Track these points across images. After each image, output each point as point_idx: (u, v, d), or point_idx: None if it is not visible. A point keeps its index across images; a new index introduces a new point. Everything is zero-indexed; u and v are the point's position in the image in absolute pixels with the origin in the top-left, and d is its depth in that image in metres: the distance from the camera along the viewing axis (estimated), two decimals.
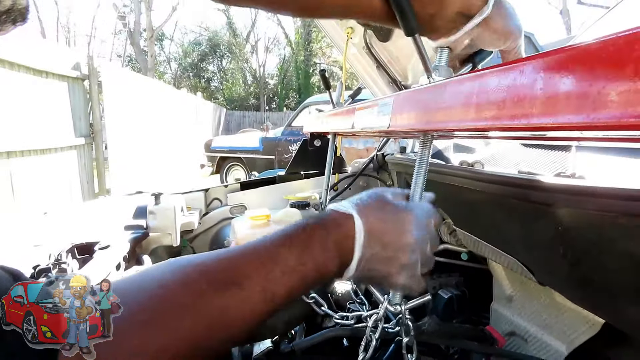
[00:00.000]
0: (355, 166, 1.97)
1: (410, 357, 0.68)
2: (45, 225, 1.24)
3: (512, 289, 1.13)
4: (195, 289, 0.45)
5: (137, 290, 0.43)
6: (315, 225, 0.54)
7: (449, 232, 1.20)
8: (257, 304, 0.47)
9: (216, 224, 1.79)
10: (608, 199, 0.55)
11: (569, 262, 0.69)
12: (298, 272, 0.50)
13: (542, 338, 1.00)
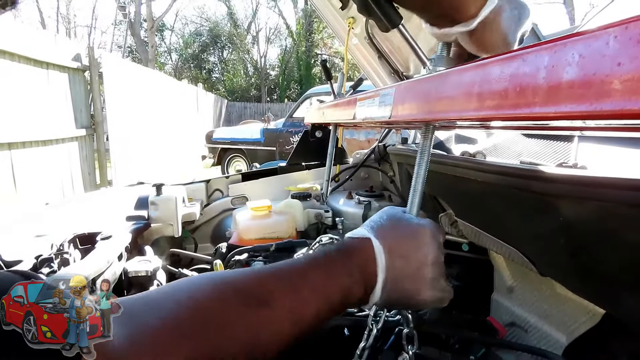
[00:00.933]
0: (357, 157, 1.96)
1: (410, 347, 0.68)
2: (47, 216, 1.24)
3: (512, 280, 1.13)
4: (225, 302, 0.45)
5: (167, 300, 0.43)
6: (336, 251, 0.55)
7: (450, 223, 1.20)
8: (285, 326, 0.47)
9: (218, 215, 1.80)
10: (610, 189, 0.55)
11: (570, 253, 0.69)
12: (324, 296, 0.50)
13: (543, 328, 1.01)
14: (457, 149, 1.26)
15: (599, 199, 0.56)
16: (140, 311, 0.42)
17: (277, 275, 0.50)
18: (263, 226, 1.44)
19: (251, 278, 0.49)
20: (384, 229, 0.58)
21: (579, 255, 0.67)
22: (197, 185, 1.82)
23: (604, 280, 0.67)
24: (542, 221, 0.72)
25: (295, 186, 1.79)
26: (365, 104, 0.94)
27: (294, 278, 0.50)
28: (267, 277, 0.50)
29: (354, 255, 0.54)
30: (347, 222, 1.55)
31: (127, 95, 6.35)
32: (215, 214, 1.79)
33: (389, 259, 0.54)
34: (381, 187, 1.86)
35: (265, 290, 0.48)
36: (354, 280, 0.53)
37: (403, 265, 0.55)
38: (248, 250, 1.25)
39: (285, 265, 0.52)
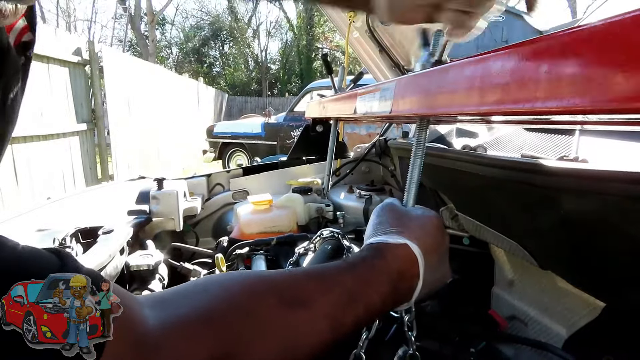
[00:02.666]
0: (358, 152, 1.96)
1: (411, 334, 0.68)
2: (49, 211, 1.24)
3: (513, 274, 1.14)
4: (260, 298, 0.44)
5: (199, 291, 0.43)
6: (375, 258, 0.54)
7: (451, 217, 1.20)
8: (323, 330, 0.46)
9: (219, 209, 1.80)
10: (610, 182, 0.55)
11: (571, 246, 0.69)
12: (364, 303, 0.49)
13: (543, 322, 1.01)
14: (457, 143, 1.26)
15: (600, 192, 0.57)
16: (171, 299, 0.41)
17: (315, 278, 0.49)
18: (264, 220, 1.44)
19: (286, 277, 0.48)
20: (413, 230, 0.58)
21: (579, 249, 0.68)
22: (198, 179, 1.82)
23: (604, 273, 0.67)
24: (543, 214, 0.72)
25: (296, 180, 1.79)
26: (366, 98, 0.94)
27: (333, 283, 0.49)
28: (305, 278, 0.49)
29: (393, 261, 0.54)
30: (348, 216, 1.55)
31: (127, 89, 6.34)
32: (216, 208, 1.80)
33: (424, 259, 0.55)
34: (382, 181, 1.86)
35: (303, 291, 0.46)
36: (395, 286, 0.53)
37: (433, 259, 0.57)
38: (249, 244, 1.25)
39: (324, 269, 0.52)
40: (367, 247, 0.56)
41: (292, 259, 1.04)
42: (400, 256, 0.54)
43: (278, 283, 0.47)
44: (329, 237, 1.05)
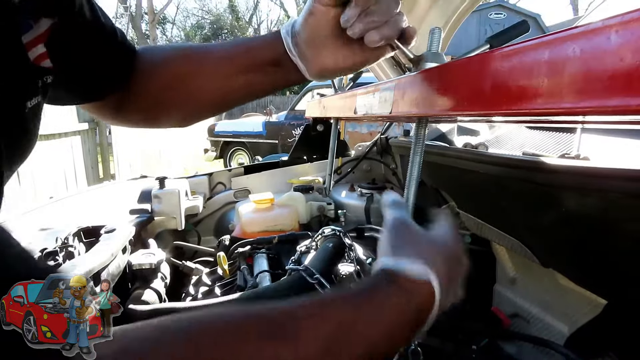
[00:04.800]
0: (359, 150, 1.96)
1: None
2: (52, 210, 1.25)
3: (515, 271, 1.14)
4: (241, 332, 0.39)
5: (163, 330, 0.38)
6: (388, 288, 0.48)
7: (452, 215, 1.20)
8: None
9: (220, 208, 1.80)
10: (612, 180, 0.55)
11: (573, 244, 0.69)
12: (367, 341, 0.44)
13: (545, 319, 1.01)
14: (459, 141, 1.26)
15: (601, 189, 0.57)
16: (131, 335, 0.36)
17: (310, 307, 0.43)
18: (266, 219, 1.44)
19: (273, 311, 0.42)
20: (434, 258, 0.52)
21: (581, 246, 0.68)
22: (199, 178, 1.83)
23: (606, 270, 0.67)
24: (544, 212, 0.72)
25: (298, 179, 1.80)
26: (366, 98, 0.94)
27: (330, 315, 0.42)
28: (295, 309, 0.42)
29: (413, 298, 0.48)
30: (349, 215, 1.55)
31: None
32: (218, 207, 1.80)
33: (441, 290, 0.50)
34: (383, 180, 1.86)
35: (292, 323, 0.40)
36: (409, 326, 0.48)
37: (449, 287, 0.53)
38: (251, 243, 1.26)
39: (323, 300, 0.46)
40: (382, 273, 0.50)
41: (294, 257, 1.04)
42: (421, 294, 0.49)
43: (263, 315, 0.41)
44: (330, 235, 1.06)
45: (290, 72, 0.65)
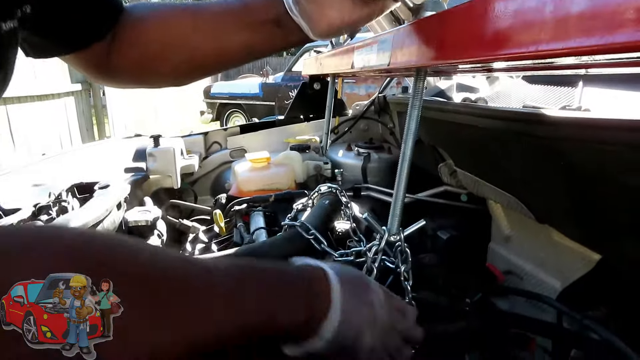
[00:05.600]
0: (356, 109, 1.93)
1: (407, 284, 0.69)
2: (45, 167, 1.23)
3: (510, 229, 1.14)
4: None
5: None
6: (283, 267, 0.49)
7: (450, 173, 1.19)
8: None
9: (216, 168, 1.79)
10: (612, 131, 0.54)
11: (570, 198, 0.68)
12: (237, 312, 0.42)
13: (538, 276, 1.02)
14: (458, 98, 1.23)
15: (602, 141, 0.56)
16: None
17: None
18: (262, 178, 1.43)
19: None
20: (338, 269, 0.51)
21: (578, 200, 0.67)
22: (195, 137, 1.81)
23: (602, 225, 0.67)
24: (543, 167, 0.71)
25: (294, 138, 1.78)
26: (363, 52, 0.91)
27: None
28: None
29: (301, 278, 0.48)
30: (346, 174, 1.55)
31: None
32: (214, 167, 1.79)
33: (343, 290, 0.48)
34: (381, 139, 1.85)
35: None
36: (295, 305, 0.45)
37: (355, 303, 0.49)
38: (247, 201, 1.25)
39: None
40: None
41: (291, 215, 1.04)
42: (313, 278, 0.48)
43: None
44: (327, 192, 1.05)
45: (291, 33, 0.62)
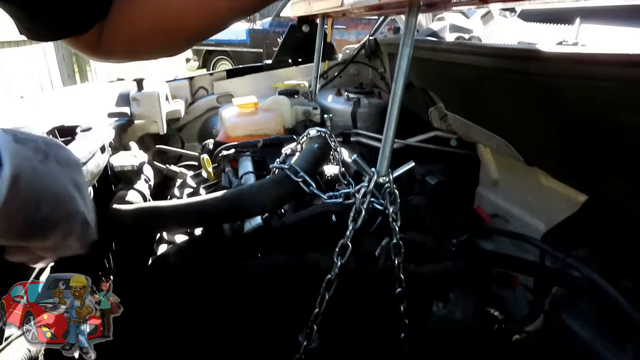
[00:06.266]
0: (346, 53, 1.88)
1: (395, 224, 0.70)
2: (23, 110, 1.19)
3: (498, 174, 1.15)
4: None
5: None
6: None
7: (440, 117, 1.18)
8: None
9: (203, 114, 1.76)
10: (607, 66, 0.53)
11: (560, 138, 0.68)
12: None
13: (523, 218, 1.04)
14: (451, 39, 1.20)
15: (596, 77, 0.54)
16: None
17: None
18: (250, 123, 1.41)
19: None
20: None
21: (568, 140, 0.67)
22: (180, 82, 1.75)
23: (591, 164, 0.67)
24: (534, 106, 0.70)
25: (283, 83, 1.74)
26: None
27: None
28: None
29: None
30: (335, 120, 1.53)
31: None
32: (200, 113, 1.75)
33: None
34: (371, 84, 1.81)
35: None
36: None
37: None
38: (235, 146, 1.24)
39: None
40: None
41: (279, 160, 1.03)
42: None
43: None
44: (316, 136, 1.04)
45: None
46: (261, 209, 0.79)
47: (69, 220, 0.37)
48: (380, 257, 0.74)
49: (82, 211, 0.39)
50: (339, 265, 0.68)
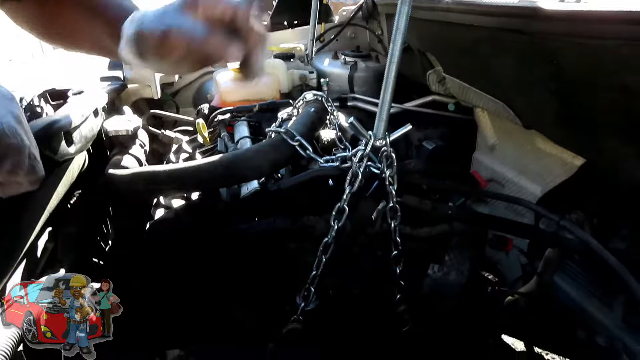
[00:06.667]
0: (343, 15, 1.83)
1: (392, 188, 0.70)
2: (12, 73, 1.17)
3: (495, 138, 1.15)
4: None
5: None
6: None
7: (438, 81, 1.16)
8: None
9: (198, 78, 1.73)
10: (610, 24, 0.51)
11: (560, 100, 0.67)
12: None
13: (519, 182, 1.04)
14: None
15: (600, 35, 0.53)
16: None
17: None
18: (245, 87, 1.39)
19: None
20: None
21: (568, 101, 0.66)
22: None
23: (590, 126, 0.66)
24: (535, 67, 0.69)
25: (278, 46, 1.70)
26: None
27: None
28: None
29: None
30: (332, 84, 1.50)
31: None
32: (195, 77, 1.72)
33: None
34: (368, 48, 1.77)
35: None
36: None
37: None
38: (231, 111, 1.22)
39: None
40: None
41: (276, 124, 1.01)
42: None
43: None
44: (312, 100, 1.02)
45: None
46: (257, 173, 0.79)
47: (15, 154, 0.39)
48: (377, 220, 0.75)
49: (27, 145, 0.40)
50: (336, 228, 0.69)
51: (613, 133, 0.63)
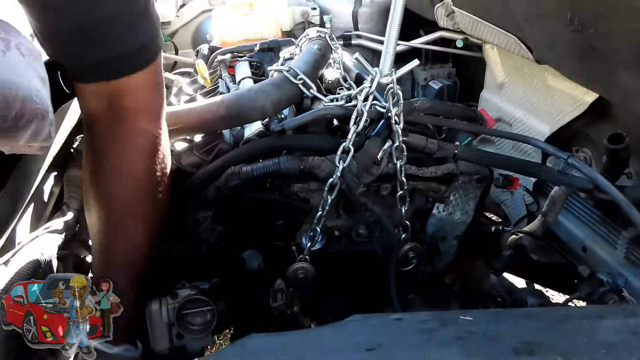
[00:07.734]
0: None
1: (398, 127, 0.69)
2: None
3: (504, 76, 1.12)
4: None
5: None
6: None
7: (447, 15, 1.11)
8: None
9: (196, 17, 1.66)
10: None
11: (574, 30, 0.64)
12: None
13: (528, 121, 1.03)
14: None
15: None
16: None
17: None
18: (245, 26, 1.34)
19: None
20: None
21: (582, 32, 0.63)
22: None
23: (604, 57, 0.64)
24: None
25: None
26: None
27: None
28: None
29: None
30: (335, 21, 1.45)
31: None
32: (193, 16, 1.66)
33: None
34: None
35: None
36: None
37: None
38: (231, 51, 1.19)
39: None
40: None
41: (278, 63, 0.98)
42: None
43: None
44: (315, 37, 0.98)
45: None
46: (261, 113, 0.77)
47: (39, 120, 0.36)
48: (382, 159, 0.74)
49: (51, 110, 0.38)
50: (341, 169, 0.68)
51: (630, 65, 0.60)
